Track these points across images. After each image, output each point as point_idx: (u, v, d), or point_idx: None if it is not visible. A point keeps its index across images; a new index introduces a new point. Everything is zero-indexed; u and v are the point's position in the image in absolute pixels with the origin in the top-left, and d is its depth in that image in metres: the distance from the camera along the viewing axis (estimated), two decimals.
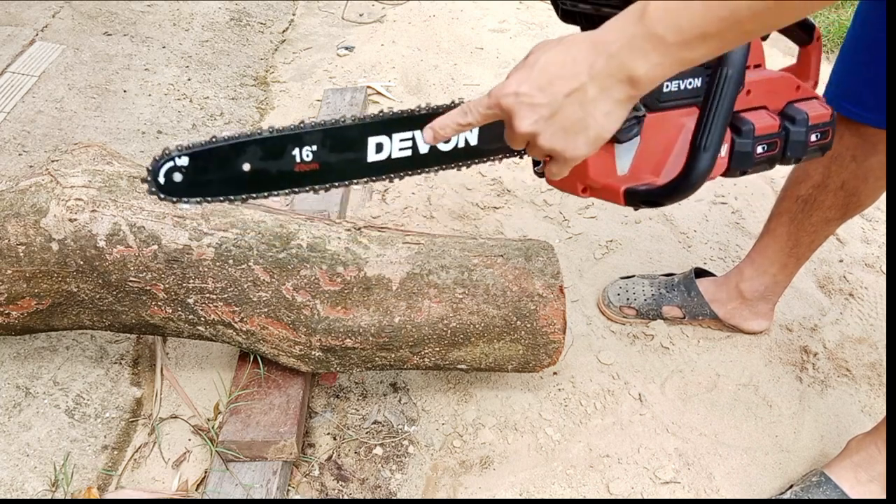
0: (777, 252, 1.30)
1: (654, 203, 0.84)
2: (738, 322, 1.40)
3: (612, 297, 1.45)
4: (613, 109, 0.66)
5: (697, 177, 0.79)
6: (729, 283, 1.38)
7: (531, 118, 0.68)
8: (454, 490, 1.17)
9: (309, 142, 0.83)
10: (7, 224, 1.02)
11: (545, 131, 0.68)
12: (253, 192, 0.84)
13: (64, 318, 1.12)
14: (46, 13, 2.35)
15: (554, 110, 0.67)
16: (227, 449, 1.10)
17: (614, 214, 1.75)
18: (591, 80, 0.64)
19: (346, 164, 0.86)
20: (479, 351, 1.14)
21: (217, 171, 0.81)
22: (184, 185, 0.81)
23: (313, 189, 0.86)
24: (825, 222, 1.23)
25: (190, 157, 0.79)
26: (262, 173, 0.83)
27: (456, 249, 1.16)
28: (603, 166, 0.85)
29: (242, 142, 0.81)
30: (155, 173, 0.79)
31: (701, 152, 0.78)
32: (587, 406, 1.30)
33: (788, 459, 1.24)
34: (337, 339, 1.09)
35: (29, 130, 1.84)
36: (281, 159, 0.83)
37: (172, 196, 0.81)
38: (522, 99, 0.67)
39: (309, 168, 0.85)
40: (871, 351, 1.44)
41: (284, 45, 2.49)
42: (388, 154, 0.87)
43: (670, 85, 0.84)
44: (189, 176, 0.80)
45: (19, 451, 1.14)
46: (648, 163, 0.86)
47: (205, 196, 0.83)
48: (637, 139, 0.85)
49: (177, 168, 0.80)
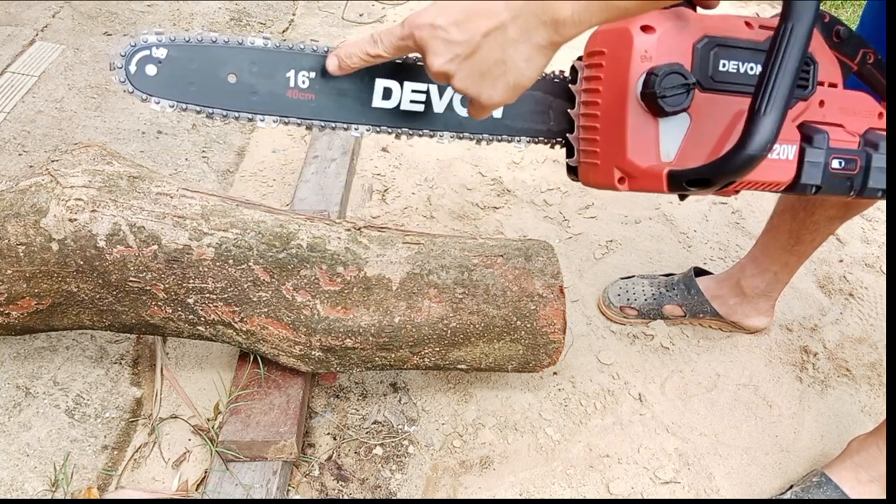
0: (779, 249, 1.30)
1: (704, 184, 0.71)
2: (739, 319, 1.39)
3: (612, 298, 1.45)
4: (534, 55, 0.61)
5: (756, 147, 0.65)
6: (730, 280, 1.39)
7: (446, 56, 0.62)
8: (454, 490, 1.17)
9: (307, 66, 0.75)
10: (7, 224, 1.02)
11: (460, 72, 0.63)
12: (236, 107, 0.76)
13: (64, 318, 1.12)
14: (46, 13, 2.35)
15: (471, 50, 0.61)
16: (227, 449, 1.10)
17: (614, 214, 1.75)
18: (511, 19, 0.59)
19: (347, 103, 0.77)
20: (479, 351, 1.14)
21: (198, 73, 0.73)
22: (159, 79, 0.72)
23: (304, 121, 0.78)
24: (827, 220, 1.23)
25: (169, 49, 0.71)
26: (250, 88, 0.75)
27: (456, 249, 1.16)
28: (644, 148, 0.76)
29: (232, 48, 0.72)
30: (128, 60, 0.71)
31: (760, 116, 0.64)
32: (587, 406, 1.30)
33: (788, 459, 1.24)
34: (337, 339, 1.09)
35: (29, 130, 1.84)
36: (272, 79, 0.75)
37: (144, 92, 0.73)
38: (438, 33, 0.61)
39: (303, 97, 0.76)
40: (871, 351, 1.44)
41: None
42: (397, 103, 0.79)
43: (727, 64, 0.76)
44: (166, 71, 0.72)
45: (19, 451, 1.14)
46: (702, 149, 0.77)
47: (180, 99, 0.74)
48: (686, 120, 0.76)
49: (152, 59, 0.71)
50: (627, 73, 0.75)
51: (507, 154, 1.94)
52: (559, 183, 1.84)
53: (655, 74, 0.73)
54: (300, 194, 1.59)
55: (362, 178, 1.83)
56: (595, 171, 0.82)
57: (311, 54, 0.75)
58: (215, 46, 0.73)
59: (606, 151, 0.80)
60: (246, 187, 1.78)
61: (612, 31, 0.77)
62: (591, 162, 0.83)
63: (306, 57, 0.75)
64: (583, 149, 0.84)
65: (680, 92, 0.73)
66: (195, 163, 1.83)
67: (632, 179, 0.78)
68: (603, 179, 0.81)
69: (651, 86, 0.73)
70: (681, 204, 1.79)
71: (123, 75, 0.72)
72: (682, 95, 0.73)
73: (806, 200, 1.22)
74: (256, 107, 0.77)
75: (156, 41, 0.72)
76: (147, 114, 1.97)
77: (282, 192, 1.76)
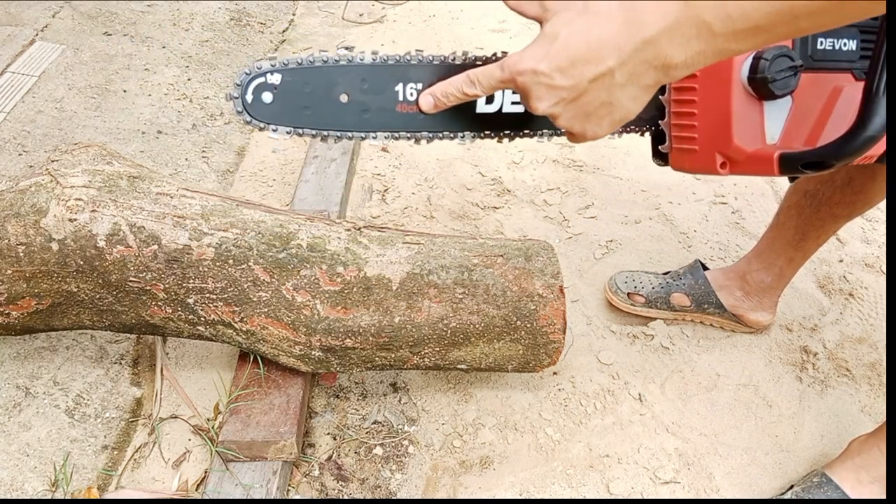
0: (785, 245, 1.31)
1: (822, 165, 0.71)
2: (744, 312, 1.40)
3: (620, 284, 1.45)
4: (640, 95, 0.61)
5: (876, 127, 0.66)
6: (736, 273, 1.39)
7: (550, 100, 0.62)
8: (454, 490, 1.17)
9: (415, 78, 0.73)
10: (7, 224, 1.02)
11: (565, 113, 0.63)
12: (349, 127, 0.74)
13: (64, 318, 1.12)
14: (46, 13, 2.35)
15: (576, 94, 0.61)
16: (227, 449, 1.10)
17: (614, 214, 1.75)
18: (619, 65, 0.58)
19: (453, 111, 0.75)
20: (479, 351, 1.14)
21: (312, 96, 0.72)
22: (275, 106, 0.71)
23: (413, 135, 0.76)
24: (832, 218, 1.23)
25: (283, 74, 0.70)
26: (362, 106, 0.73)
27: (456, 249, 1.16)
28: (750, 132, 0.75)
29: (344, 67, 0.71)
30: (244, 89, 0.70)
31: (877, 97, 0.65)
32: (587, 406, 1.30)
33: (788, 459, 1.23)
34: (337, 339, 1.09)
35: (29, 130, 1.84)
36: (383, 94, 0.73)
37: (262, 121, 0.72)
38: (541, 79, 0.61)
39: (411, 109, 0.75)
40: (871, 351, 1.44)
41: (284, 45, 2.48)
42: (500, 107, 0.77)
43: (824, 42, 0.75)
44: (282, 97, 0.71)
45: (19, 451, 1.14)
46: (803, 129, 0.76)
47: (297, 125, 0.73)
48: (789, 101, 0.76)
49: (268, 86, 0.70)
50: (731, 59, 0.73)
51: (507, 154, 1.94)
52: (559, 183, 1.84)
53: (765, 59, 0.72)
54: (300, 194, 1.59)
55: (362, 178, 1.83)
56: (692, 156, 0.81)
57: (418, 65, 0.74)
58: (327, 67, 0.72)
59: (707, 137, 0.78)
60: (246, 187, 1.78)
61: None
62: (687, 148, 0.81)
63: (413, 69, 0.74)
64: (676, 134, 0.82)
65: (789, 75, 0.73)
66: (195, 163, 1.83)
67: (735, 164, 0.77)
68: (702, 165, 0.80)
69: (761, 70, 0.72)
70: (681, 204, 1.79)
71: (241, 105, 0.71)
72: (791, 78, 0.73)
73: (812, 198, 1.23)
74: (368, 124, 0.76)
75: (270, 66, 0.71)
76: (147, 114, 1.97)
77: (282, 192, 1.76)
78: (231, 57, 2.34)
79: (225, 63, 2.29)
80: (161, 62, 2.21)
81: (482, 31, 2.58)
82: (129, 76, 2.12)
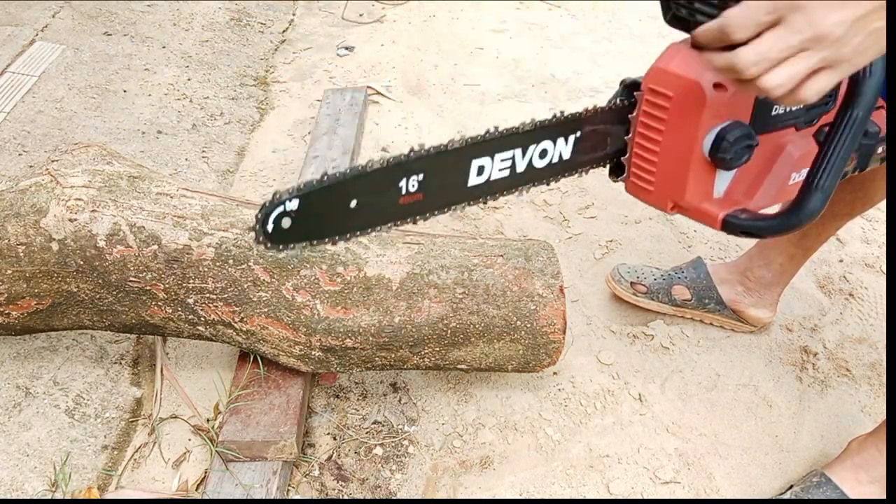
0: (786, 241, 1.32)
1: (756, 235, 0.82)
2: (744, 308, 1.40)
3: (623, 274, 1.46)
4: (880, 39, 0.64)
5: (806, 216, 0.76)
6: (738, 268, 1.40)
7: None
8: (454, 490, 1.17)
9: (417, 170, 0.77)
10: (7, 224, 1.02)
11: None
12: (358, 229, 0.79)
13: (64, 318, 1.12)
14: (46, 13, 2.35)
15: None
16: (227, 449, 1.10)
17: (614, 214, 1.75)
18: (875, 9, 0.62)
19: (448, 190, 0.81)
20: (479, 351, 1.14)
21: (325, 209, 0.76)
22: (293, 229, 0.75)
23: (414, 220, 0.81)
24: (833, 216, 1.23)
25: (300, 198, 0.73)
26: (369, 207, 0.77)
27: (456, 249, 1.16)
28: (701, 189, 0.83)
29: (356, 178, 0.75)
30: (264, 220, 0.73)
31: (814, 192, 0.75)
32: (587, 406, 1.30)
33: (788, 459, 1.24)
34: (337, 339, 1.09)
35: (29, 130, 1.84)
36: (388, 193, 0.77)
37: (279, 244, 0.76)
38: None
39: (414, 199, 0.79)
40: (871, 351, 1.44)
41: (284, 45, 2.48)
42: (489, 176, 0.82)
43: (779, 108, 0.81)
44: (300, 219, 0.75)
45: (19, 451, 1.14)
46: (743, 184, 0.84)
47: (311, 239, 0.77)
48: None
49: (287, 213, 0.73)
50: (696, 128, 0.79)
51: None
52: (559, 183, 1.84)
53: (727, 140, 0.78)
54: None
55: None
56: (647, 194, 0.88)
57: (417, 159, 0.77)
58: (339, 181, 0.74)
59: (663, 185, 0.85)
60: (246, 187, 1.78)
61: (683, 80, 0.78)
62: (643, 187, 0.88)
63: (414, 163, 0.77)
64: (636, 172, 0.89)
65: (746, 153, 0.79)
66: (195, 163, 1.83)
67: (684, 211, 0.85)
68: (653, 202, 0.87)
69: (723, 150, 0.78)
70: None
71: (262, 236, 0.74)
72: (747, 153, 0.79)
73: None
74: (375, 221, 0.79)
75: (288, 195, 0.73)
76: (147, 114, 1.97)
77: None
78: (231, 57, 2.34)
79: (225, 63, 2.30)
80: (161, 62, 2.21)
81: (482, 30, 2.58)
82: (129, 76, 2.12)
